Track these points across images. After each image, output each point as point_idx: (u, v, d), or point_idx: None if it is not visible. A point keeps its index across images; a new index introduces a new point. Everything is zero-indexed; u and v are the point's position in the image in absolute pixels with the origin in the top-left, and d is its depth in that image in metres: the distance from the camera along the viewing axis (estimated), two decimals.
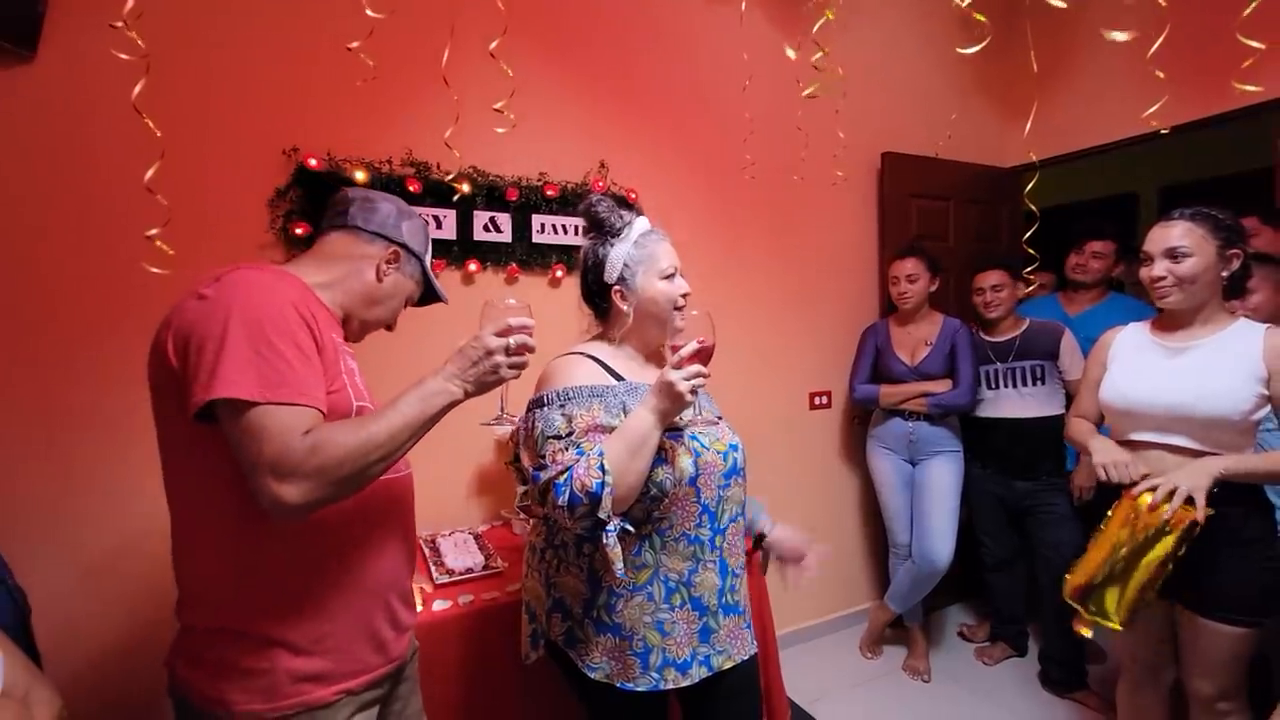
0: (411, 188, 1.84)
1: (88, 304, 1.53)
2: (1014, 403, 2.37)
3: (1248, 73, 1.65)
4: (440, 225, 1.91)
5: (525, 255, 2.05)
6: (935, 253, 2.51)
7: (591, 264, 1.22)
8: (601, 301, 1.24)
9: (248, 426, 0.78)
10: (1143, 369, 1.50)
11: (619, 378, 1.17)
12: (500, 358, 0.93)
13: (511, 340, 0.94)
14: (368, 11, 1.19)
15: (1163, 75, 1.51)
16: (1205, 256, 1.39)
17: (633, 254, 1.18)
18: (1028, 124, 2.27)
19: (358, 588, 0.95)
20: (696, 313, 1.08)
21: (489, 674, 1.46)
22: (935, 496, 2.38)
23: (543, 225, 2.07)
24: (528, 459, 1.15)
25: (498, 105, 1.40)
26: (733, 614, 1.17)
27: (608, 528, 1.00)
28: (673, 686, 1.10)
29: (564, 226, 2.11)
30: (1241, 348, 1.39)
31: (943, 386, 2.36)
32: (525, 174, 2.05)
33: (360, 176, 1.78)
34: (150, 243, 1.12)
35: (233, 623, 0.87)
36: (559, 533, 1.18)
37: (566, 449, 1.04)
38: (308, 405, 0.82)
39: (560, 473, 1.01)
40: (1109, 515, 1.40)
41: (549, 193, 2.06)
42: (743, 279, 2.54)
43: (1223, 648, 1.39)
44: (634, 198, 2.18)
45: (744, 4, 2.32)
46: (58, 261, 1.51)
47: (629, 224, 1.20)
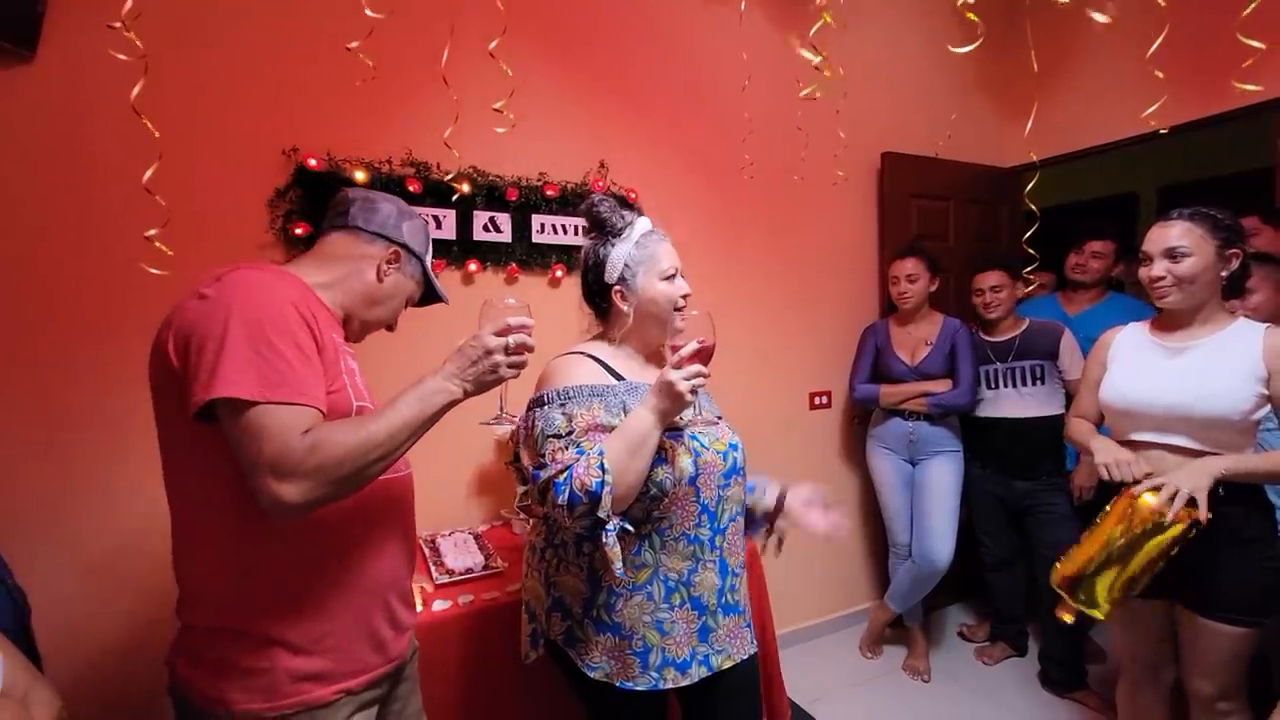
0: (411, 188, 1.84)
1: (87, 304, 1.53)
2: (1014, 402, 2.38)
3: (1247, 72, 1.65)
4: (440, 225, 1.91)
5: (525, 255, 2.05)
6: (935, 253, 2.51)
7: (592, 264, 1.22)
8: (602, 301, 1.24)
9: (247, 426, 0.78)
10: (1142, 369, 1.50)
11: (619, 377, 1.17)
12: (499, 357, 0.93)
13: (511, 340, 0.94)
14: (367, 11, 1.19)
15: (1162, 75, 1.51)
16: (1204, 256, 1.39)
17: (634, 254, 1.19)
18: (1028, 124, 2.27)
19: (357, 587, 0.95)
20: (696, 313, 1.08)
21: (489, 674, 1.46)
22: (935, 496, 2.38)
23: (542, 225, 2.07)
24: (528, 458, 1.15)
25: (497, 105, 1.40)
26: (732, 614, 1.17)
27: (607, 527, 1.01)
28: (672, 686, 1.10)
29: (564, 226, 2.11)
30: (1241, 347, 1.39)
31: (943, 386, 2.36)
32: (525, 174, 2.05)
33: (360, 176, 1.78)
34: (149, 243, 1.12)
35: (233, 622, 0.87)
36: (559, 532, 1.18)
37: (566, 448, 1.04)
38: (307, 405, 0.82)
39: (560, 472, 1.02)
40: (1106, 510, 1.40)
41: (549, 193, 2.06)
42: (743, 279, 2.54)
43: (1223, 647, 1.39)
44: (634, 198, 2.19)
45: (743, 4, 2.32)
46: (57, 261, 1.51)
47: (630, 224, 1.21)
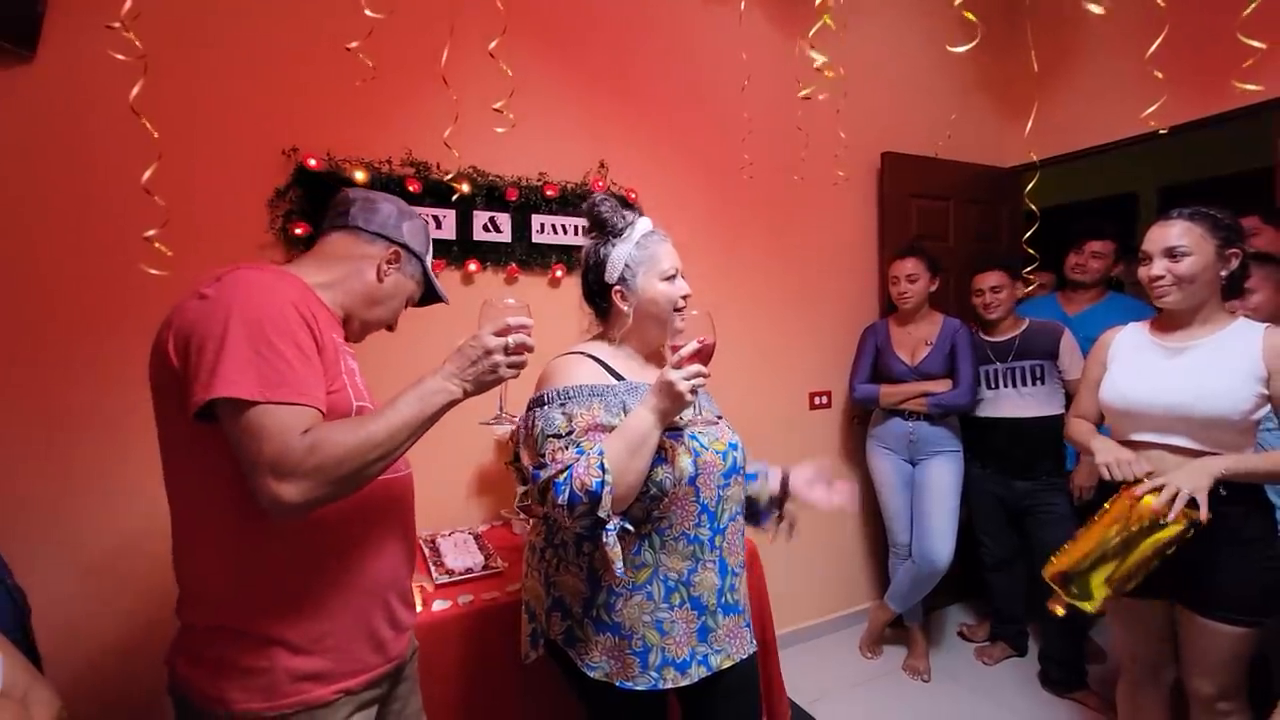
0: (411, 188, 1.84)
1: (87, 304, 1.53)
2: (1014, 402, 2.37)
3: (1248, 72, 1.65)
4: (440, 225, 1.91)
5: (525, 255, 2.05)
6: (935, 253, 2.51)
7: (593, 264, 1.22)
8: (602, 301, 1.24)
9: (247, 426, 0.78)
10: (1142, 369, 1.50)
11: (619, 377, 1.17)
12: (499, 357, 0.93)
13: (510, 340, 0.94)
14: (367, 11, 1.19)
15: (1161, 75, 1.51)
16: (1204, 255, 1.39)
17: (634, 255, 1.19)
18: (1028, 124, 2.27)
19: (357, 587, 0.95)
20: (696, 312, 1.09)
21: (489, 674, 1.46)
22: (935, 496, 2.38)
23: (542, 225, 2.07)
24: (528, 458, 1.15)
25: (497, 105, 1.40)
26: (732, 613, 1.17)
27: (607, 527, 1.01)
28: (671, 686, 1.11)
29: (564, 226, 2.11)
30: (1241, 347, 1.39)
31: (943, 386, 2.36)
32: (525, 174, 2.05)
33: (360, 176, 1.78)
34: (149, 244, 1.12)
35: (233, 621, 0.87)
36: (559, 532, 1.18)
37: (566, 448, 1.04)
38: (307, 405, 0.82)
39: (560, 471, 1.02)
40: (1105, 508, 1.40)
41: (549, 193, 2.06)
42: (743, 279, 2.54)
43: (1223, 647, 1.39)
44: (634, 198, 2.18)
45: (743, 4, 2.32)
46: (57, 261, 1.51)
47: (631, 224, 1.21)
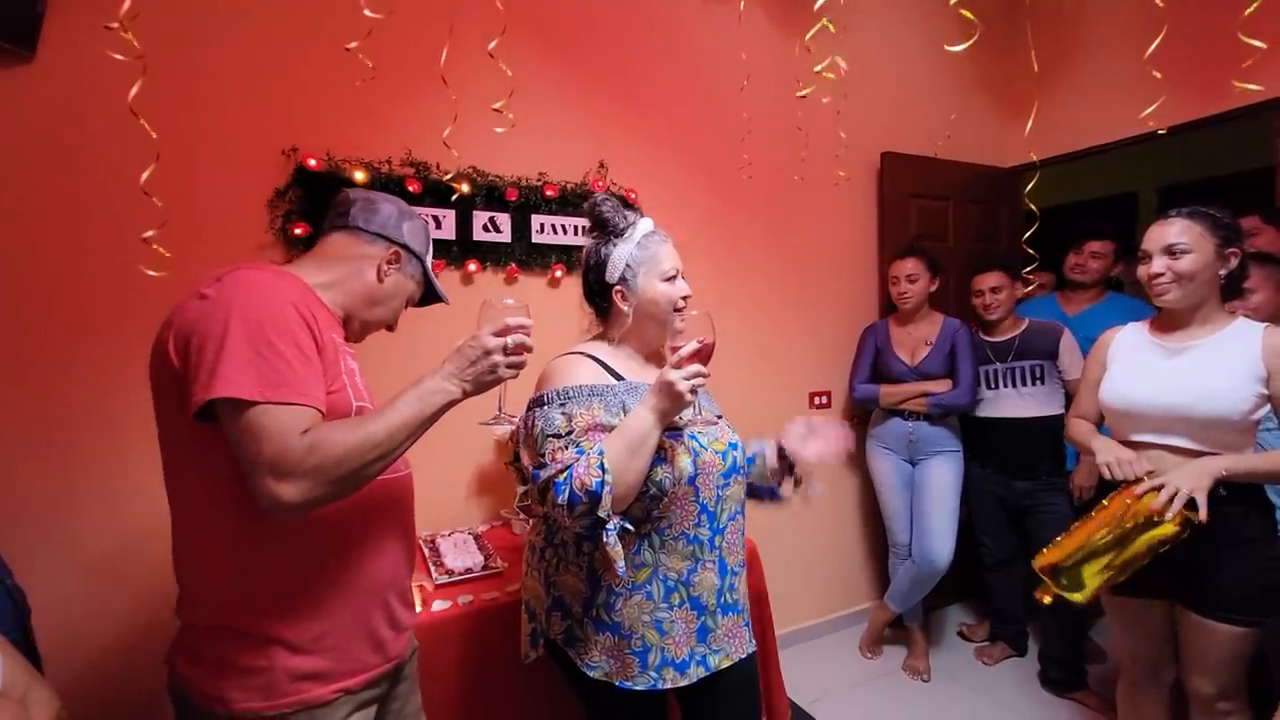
0: (411, 188, 1.84)
1: (88, 304, 1.53)
2: (1013, 402, 2.37)
3: (1248, 72, 1.65)
4: (440, 225, 1.91)
5: (524, 255, 2.05)
6: (935, 253, 2.51)
7: (593, 263, 1.22)
8: (602, 301, 1.24)
9: (247, 426, 0.79)
10: (1142, 369, 1.50)
11: (619, 377, 1.18)
12: (498, 357, 0.93)
13: (509, 340, 0.94)
14: (366, 12, 1.19)
15: (1160, 76, 1.52)
16: (1204, 254, 1.39)
17: (635, 255, 1.19)
18: (1028, 124, 2.27)
19: (356, 587, 0.95)
20: (696, 313, 1.09)
21: (488, 674, 1.46)
22: (935, 496, 2.38)
23: (542, 225, 2.07)
24: (528, 458, 1.15)
25: (497, 105, 1.40)
26: (731, 613, 1.17)
27: (608, 526, 1.01)
28: (671, 686, 1.11)
29: (563, 226, 2.11)
30: (1241, 347, 1.39)
31: (942, 386, 2.36)
32: (524, 174, 2.05)
33: (360, 176, 1.78)
34: (147, 244, 1.12)
35: (232, 621, 0.87)
36: (558, 532, 1.18)
37: (566, 448, 1.05)
38: (307, 405, 0.83)
39: (560, 471, 1.02)
40: (1103, 504, 1.40)
41: (548, 193, 2.06)
42: (743, 279, 2.54)
43: (1223, 647, 1.39)
44: (634, 198, 2.19)
45: (742, 4, 2.32)
46: (57, 261, 1.51)
47: (632, 224, 1.21)
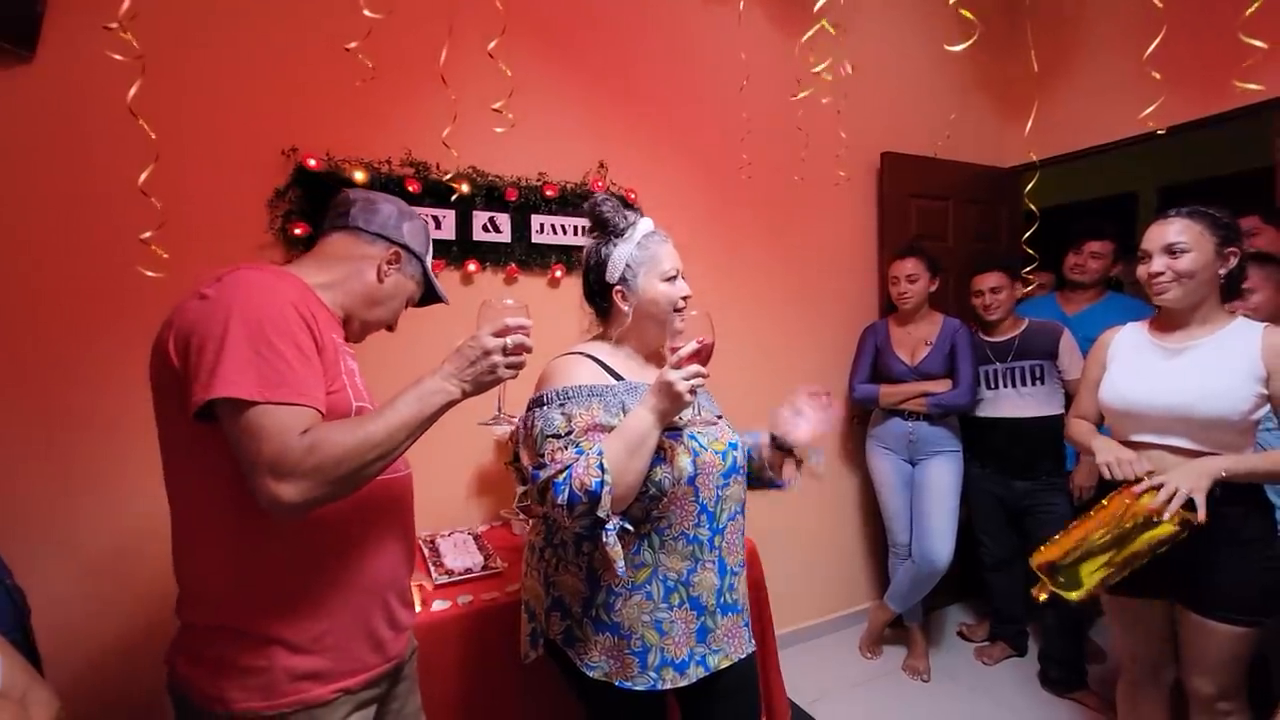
0: (411, 188, 1.84)
1: (87, 304, 1.53)
2: (1013, 402, 2.37)
3: (1248, 71, 1.65)
4: (439, 225, 1.91)
5: (524, 255, 2.05)
6: (935, 253, 2.51)
7: (594, 263, 1.22)
8: (603, 301, 1.24)
9: (246, 426, 0.79)
10: (1141, 370, 1.50)
11: (619, 377, 1.18)
12: (498, 358, 0.93)
13: (509, 340, 0.94)
14: (365, 12, 1.19)
15: (1159, 76, 1.51)
16: (1203, 253, 1.39)
17: (635, 255, 1.19)
18: (1028, 124, 2.27)
19: (356, 587, 0.95)
20: (696, 313, 1.09)
21: (488, 674, 1.46)
22: (935, 496, 2.38)
23: (542, 225, 2.07)
24: (527, 458, 1.15)
25: (496, 105, 1.40)
26: (731, 613, 1.17)
27: (607, 526, 1.01)
28: (670, 686, 1.11)
29: (563, 227, 2.11)
30: (1240, 347, 1.39)
31: (942, 386, 2.36)
32: (524, 174, 2.05)
33: (359, 176, 1.78)
34: (145, 245, 1.12)
35: (232, 621, 0.87)
36: (558, 532, 1.18)
37: (566, 448, 1.05)
38: (306, 405, 0.83)
39: (559, 471, 1.02)
40: (1103, 504, 1.40)
41: (548, 193, 2.06)
42: (743, 279, 2.53)
43: (1223, 647, 1.39)
44: (633, 198, 2.19)
45: (742, 4, 2.32)
46: (57, 261, 1.51)
47: (633, 225, 1.21)
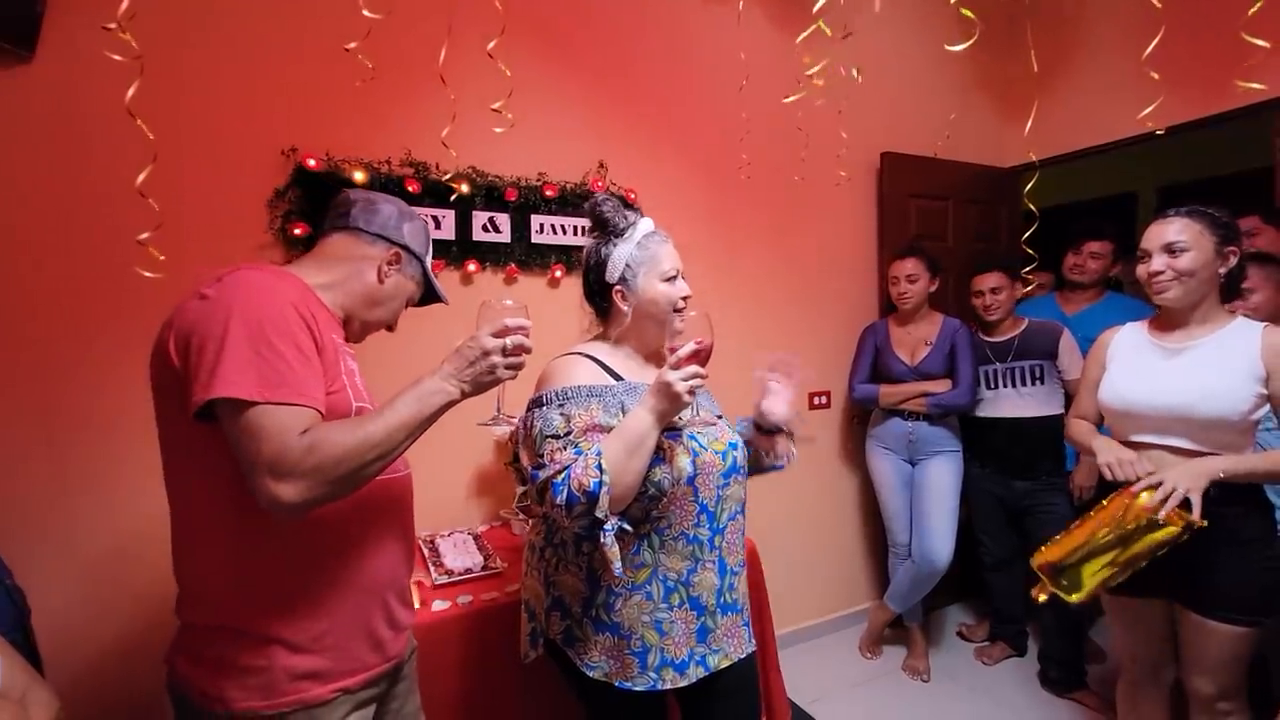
0: (410, 188, 1.84)
1: (87, 305, 1.53)
2: (1013, 402, 2.37)
3: (1248, 71, 1.65)
4: (439, 225, 1.91)
5: (524, 255, 2.05)
6: (934, 253, 2.51)
7: (594, 263, 1.22)
8: (602, 301, 1.24)
9: (246, 426, 0.79)
10: (1141, 370, 1.50)
11: (618, 378, 1.18)
12: (497, 358, 0.93)
13: (508, 341, 0.94)
14: (365, 12, 1.19)
15: (1158, 76, 1.51)
16: (1203, 252, 1.39)
17: (635, 255, 1.19)
18: (1028, 124, 2.27)
19: (356, 586, 0.95)
20: (695, 314, 1.09)
21: (488, 674, 1.46)
22: (935, 496, 2.38)
23: (541, 225, 2.07)
24: (526, 458, 1.15)
25: (496, 105, 1.40)
26: (731, 612, 1.17)
27: (605, 527, 1.01)
28: (670, 686, 1.11)
29: (563, 227, 2.11)
30: (1240, 346, 1.39)
31: (942, 386, 2.36)
32: (524, 174, 2.05)
33: (359, 177, 1.78)
34: (142, 247, 1.12)
35: (232, 620, 0.88)
36: (558, 531, 1.18)
37: (564, 448, 1.05)
38: (306, 405, 0.83)
39: (558, 472, 1.02)
40: (1103, 504, 1.40)
41: (548, 193, 2.06)
42: (742, 279, 2.53)
43: (1223, 647, 1.39)
44: (633, 198, 2.19)
45: (741, 3, 2.32)
46: (56, 261, 1.50)
47: (633, 225, 1.21)
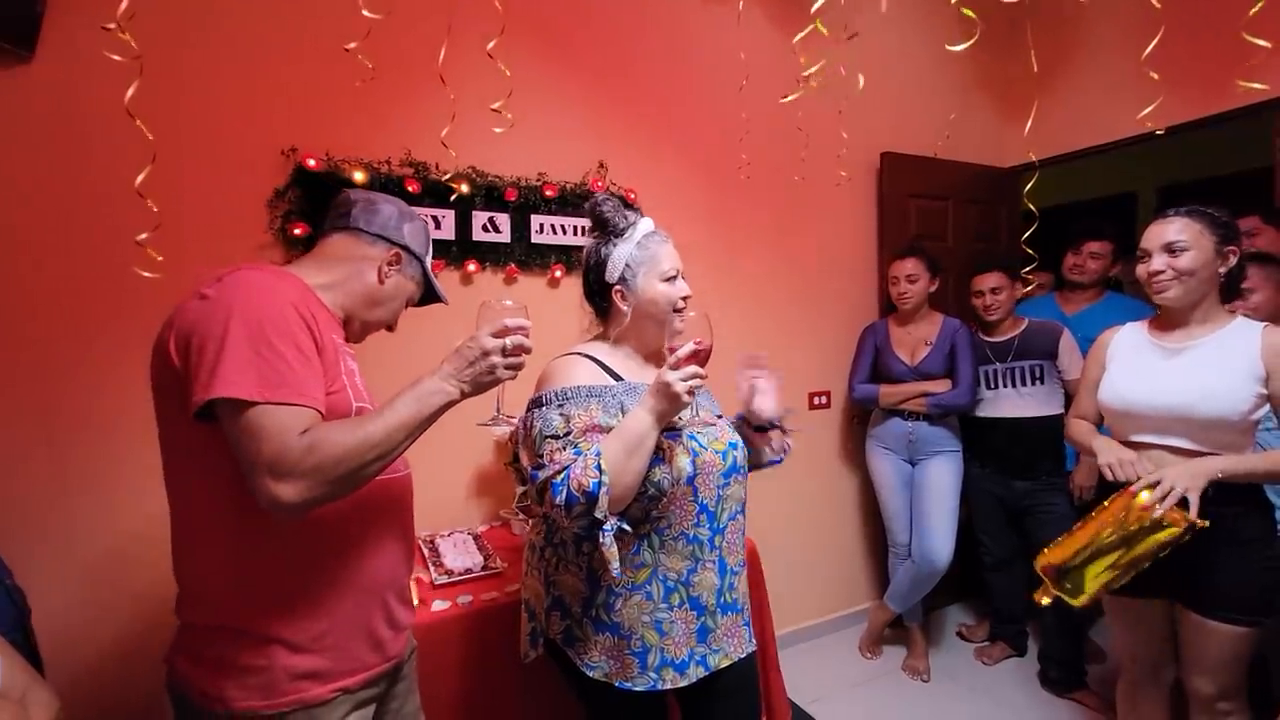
0: (410, 188, 1.84)
1: (86, 305, 1.53)
2: (1013, 402, 2.37)
3: (1249, 71, 1.65)
4: (439, 225, 1.91)
5: (524, 255, 2.05)
6: (934, 253, 2.51)
7: (594, 263, 1.22)
8: (602, 301, 1.24)
9: (246, 426, 0.79)
10: (1141, 370, 1.50)
11: (618, 378, 1.18)
12: (497, 358, 0.93)
13: (508, 341, 0.94)
14: (365, 12, 1.19)
15: (1157, 76, 1.51)
16: (1203, 251, 1.39)
17: (635, 255, 1.19)
18: (1027, 124, 2.27)
19: (356, 586, 0.95)
20: (694, 314, 1.09)
21: (488, 674, 1.46)
22: (935, 496, 2.38)
23: (541, 225, 2.07)
24: (526, 458, 1.15)
25: (495, 105, 1.40)
26: (731, 612, 1.17)
27: (604, 527, 1.01)
28: (670, 686, 1.11)
29: (563, 227, 2.11)
30: (1240, 346, 1.39)
31: (942, 386, 2.36)
32: (524, 174, 2.05)
33: (359, 177, 1.78)
34: (142, 247, 1.12)
35: (232, 620, 0.88)
36: (558, 531, 1.18)
37: (564, 448, 1.05)
38: (306, 405, 0.83)
39: (557, 472, 1.02)
40: (1104, 505, 1.40)
41: (548, 193, 2.06)
42: (742, 279, 2.53)
43: (1223, 647, 1.39)
44: (633, 198, 2.19)
45: (741, 3, 2.32)
46: (56, 262, 1.50)
47: (633, 225, 1.21)
